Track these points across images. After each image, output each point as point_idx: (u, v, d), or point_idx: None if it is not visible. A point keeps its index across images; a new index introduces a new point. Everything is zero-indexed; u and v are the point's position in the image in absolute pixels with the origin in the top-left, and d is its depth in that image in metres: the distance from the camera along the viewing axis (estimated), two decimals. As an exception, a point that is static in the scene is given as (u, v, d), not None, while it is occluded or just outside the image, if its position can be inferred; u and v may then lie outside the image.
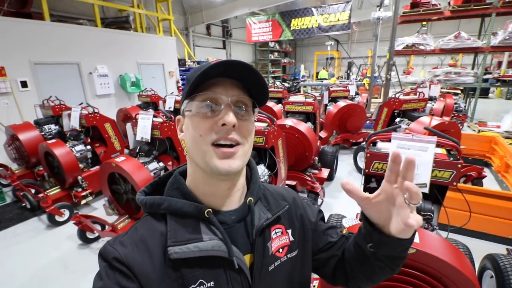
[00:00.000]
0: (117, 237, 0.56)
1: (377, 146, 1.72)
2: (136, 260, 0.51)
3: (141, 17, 8.16)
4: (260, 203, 0.64)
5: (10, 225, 3.22)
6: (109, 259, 0.51)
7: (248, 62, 0.55)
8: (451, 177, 1.43)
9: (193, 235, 0.54)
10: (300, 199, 0.76)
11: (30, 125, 3.91)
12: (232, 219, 0.59)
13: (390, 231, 0.53)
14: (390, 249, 0.55)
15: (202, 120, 0.54)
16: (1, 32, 4.97)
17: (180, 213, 0.56)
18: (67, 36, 6.00)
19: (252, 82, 0.56)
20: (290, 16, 10.94)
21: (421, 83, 6.66)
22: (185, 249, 0.51)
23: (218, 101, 0.54)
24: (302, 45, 21.85)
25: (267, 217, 0.62)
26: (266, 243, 0.60)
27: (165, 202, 0.56)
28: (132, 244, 0.53)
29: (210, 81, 0.54)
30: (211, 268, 0.53)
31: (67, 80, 6.17)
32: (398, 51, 7.57)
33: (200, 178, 0.58)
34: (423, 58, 15.37)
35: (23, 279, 2.38)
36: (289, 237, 0.65)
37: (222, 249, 0.53)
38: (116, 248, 0.52)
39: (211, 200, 0.58)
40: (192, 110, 0.55)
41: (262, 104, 0.61)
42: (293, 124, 3.24)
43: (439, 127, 2.99)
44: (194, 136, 0.55)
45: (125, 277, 0.49)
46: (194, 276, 0.52)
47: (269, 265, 0.60)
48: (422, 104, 4.24)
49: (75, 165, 3.36)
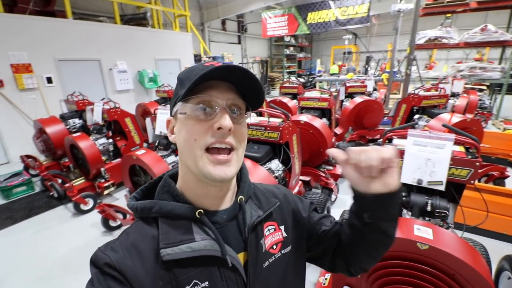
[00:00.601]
0: (108, 244, 0.56)
1: (393, 143, 1.71)
2: (128, 265, 0.50)
3: (158, 13, 8.31)
4: (251, 201, 0.65)
5: (40, 212, 3.46)
6: (100, 265, 0.50)
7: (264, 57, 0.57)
8: (469, 175, 1.41)
9: (185, 236, 0.54)
10: (291, 195, 0.76)
11: (56, 119, 4.13)
12: (224, 218, 0.59)
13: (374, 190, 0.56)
14: (385, 209, 0.58)
15: (197, 123, 0.53)
16: (27, 30, 5.24)
17: (171, 215, 0.56)
18: (88, 33, 6.23)
19: (247, 86, 0.56)
20: (306, 10, 10.76)
21: (443, 78, 6.42)
22: (177, 250, 0.51)
23: (213, 104, 0.53)
24: (319, 39, 21.44)
25: (258, 214, 0.63)
26: (259, 240, 0.61)
27: (156, 205, 0.56)
28: (123, 249, 0.52)
29: (205, 84, 0.53)
30: (205, 268, 0.53)
31: (88, 76, 6.43)
32: (420, 45, 7.30)
33: (192, 181, 0.58)
34: (446, 52, 14.68)
35: (51, 262, 2.57)
36: (282, 233, 0.66)
37: (215, 248, 0.54)
38: (107, 254, 0.52)
39: (203, 201, 0.58)
40: (186, 113, 0.54)
41: (256, 108, 0.61)
42: (308, 120, 3.24)
43: (460, 125, 2.90)
44: (187, 140, 0.54)
45: (117, 282, 0.49)
46: (188, 277, 0.52)
47: (263, 262, 0.60)
48: (443, 100, 4.10)
49: (98, 157, 3.53)
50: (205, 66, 0.53)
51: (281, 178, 2.27)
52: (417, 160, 1.49)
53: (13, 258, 2.65)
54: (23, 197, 3.86)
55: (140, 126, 4.27)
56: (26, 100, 5.34)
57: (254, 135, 2.34)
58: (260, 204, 0.66)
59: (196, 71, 0.53)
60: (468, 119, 2.98)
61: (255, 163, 2.04)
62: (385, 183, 0.55)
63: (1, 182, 3.86)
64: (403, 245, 1.20)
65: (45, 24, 5.50)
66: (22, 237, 2.98)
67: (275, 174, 2.20)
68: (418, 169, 1.49)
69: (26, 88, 5.26)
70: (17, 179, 3.94)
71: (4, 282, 2.33)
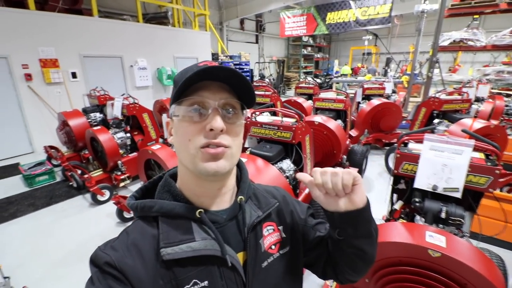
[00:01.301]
0: (107, 242, 0.56)
1: (408, 147, 1.67)
2: (128, 264, 0.50)
3: (179, 12, 8.48)
4: (250, 201, 0.66)
5: (59, 201, 3.63)
6: (100, 264, 0.50)
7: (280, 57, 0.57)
8: (488, 183, 1.35)
9: (185, 235, 0.54)
10: (290, 197, 0.77)
11: (79, 113, 4.31)
12: (224, 218, 0.60)
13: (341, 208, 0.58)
14: (353, 226, 0.60)
15: (190, 125, 0.54)
16: (56, 27, 5.51)
17: (171, 214, 0.56)
18: (112, 31, 6.47)
19: (237, 85, 0.56)
20: (326, 10, 10.60)
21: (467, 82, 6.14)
22: (177, 249, 0.52)
23: (205, 105, 0.54)
24: (338, 39, 21.11)
25: (258, 214, 0.63)
26: (258, 240, 0.61)
27: (156, 204, 0.56)
28: (123, 248, 0.53)
29: (197, 85, 0.54)
30: (204, 268, 0.54)
31: (110, 72, 6.67)
32: (443, 47, 6.99)
33: (191, 180, 0.58)
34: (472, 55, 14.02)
35: (69, 248, 2.69)
36: (281, 233, 0.67)
37: (215, 248, 0.54)
38: (107, 252, 0.52)
39: (203, 201, 0.59)
40: (179, 115, 0.55)
41: (251, 106, 0.61)
42: (322, 121, 3.21)
43: (483, 131, 2.77)
44: (182, 141, 0.55)
45: (117, 281, 0.49)
46: (188, 276, 0.52)
47: (262, 261, 0.61)
48: (465, 105, 3.93)
49: (116, 151, 3.66)
50: (198, 67, 0.53)
51: (292, 178, 2.26)
52: (433, 166, 1.44)
53: (32, 244, 2.80)
54: (45, 185, 4.07)
55: (157, 122, 4.39)
56: (52, 94, 5.62)
57: (267, 134, 2.35)
58: (259, 204, 0.67)
59: (189, 73, 0.53)
60: (492, 125, 2.84)
61: (266, 162, 2.05)
62: (351, 200, 0.57)
63: (26, 170, 4.09)
64: (413, 251, 1.17)
65: (72, 21, 5.76)
66: (42, 224, 3.14)
67: (286, 174, 2.20)
68: (434, 175, 1.44)
69: (53, 82, 5.54)
70: (40, 168, 4.16)
71: (24, 265, 2.47)
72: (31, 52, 5.22)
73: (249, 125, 2.43)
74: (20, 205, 3.51)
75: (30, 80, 5.28)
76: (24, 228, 3.07)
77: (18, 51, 5.07)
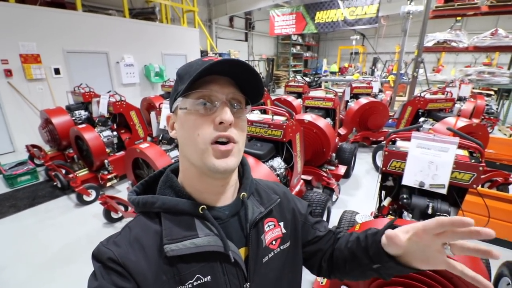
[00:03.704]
0: (110, 238, 0.56)
1: (396, 145, 1.71)
2: (131, 259, 0.50)
3: (167, 8, 8.32)
4: (253, 197, 0.66)
5: (43, 201, 3.50)
6: (104, 260, 0.51)
7: (270, 55, 0.57)
8: (471, 179, 1.40)
9: (188, 232, 0.54)
10: (290, 193, 0.78)
11: (62, 110, 4.17)
12: (226, 214, 0.60)
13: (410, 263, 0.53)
14: (400, 272, 0.57)
15: (199, 118, 0.54)
16: (37, 21, 5.29)
17: (174, 210, 0.56)
18: (97, 26, 6.27)
19: (247, 80, 0.56)
20: (315, 9, 10.68)
21: (450, 82, 6.35)
22: (181, 246, 0.52)
23: (213, 98, 0.54)
24: (326, 38, 21.31)
25: (260, 210, 0.64)
26: (260, 236, 0.62)
27: (159, 200, 0.56)
28: (126, 244, 0.53)
29: (205, 79, 0.54)
30: (207, 263, 0.54)
31: (96, 69, 6.48)
32: (428, 47, 7.21)
33: (194, 176, 0.58)
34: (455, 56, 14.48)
35: (53, 251, 2.61)
36: (282, 229, 0.67)
37: (218, 244, 0.54)
38: (110, 248, 0.52)
39: (205, 197, 0.59)
40: (187, 108, 0.54)
41: (256, 101, 0.61)
42: (312, 120, 3.24)
43: (465, 129, 2.87)
44: (190, 135, 0.54)
45: (121, 276, 0.49)
46: (191, 272, 0.53)
47: (263, 257, 0.61)
48: (449, 104, 4.07)
49: (102, 149, 3.57)
50: (204, 61, 0.53)
51: (282, 176, 2.27)
52: (420, 163, 1.48)
53: (15, 246, 2.69)
54: (27, 186, 3.92)
55: (145, 120, 4.30)
56: (34, 90, 5.41)
57: (257, 132, 2.34)
58: (261, 200, 0.67)
59: (195, 66, 0.54)
60: (474, 123, 2.95)
61: (257, 160, 2.05)
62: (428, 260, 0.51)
63: (6, 170, 3.92)
64: (402, 247, 1.20)
65: (55, 16, 5.55)
66: (25, 225, 3.02)
67: (277, 172, 2.20)
68: (421, 172, 1.48)
69: (34, 78, 5.32)
70: (22, 168, 4.00)
71: (7, 269, 2.38)
72: (11, 47, 5.00)
73: (240, 123, 2.42)
74: (0, 206, 3.37)
75: (10, 76, 5.05)
76: (6, 230, 2.95)
77: (-4, 45, 4.84)
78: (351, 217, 2.14)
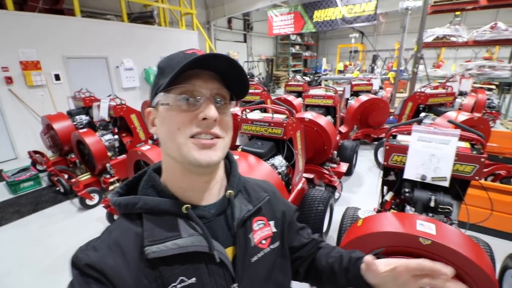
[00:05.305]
0: (89, 242, 0.54)
1: (397, 139, 1.70)
2: (109, 264, 0.48)
3: (165, 11, 8.36)
4: (240, 195, 0.64)
5: (46, 206, 3.52)
6: (81, 266, 0.49)
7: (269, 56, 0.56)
8: (474, 171, 1.39)
9: (171, 232, 0.52)
10: (280, 195, 0.77)
11: (63, 116, 4.18)
12: (212, 213, 0.58)
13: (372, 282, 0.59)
14: None
15: (180, 113, 0.51)
16: (37, 28, 5.33)
17: (156, 211, 0.53)
18: (96, 31, 6.31)
19: (231, 75, 0.55)
20: (313, 8, 10.68)
21: (451, 77, 6.32)
22: (162, 247, 0.50)
23: (196, 94, 0.52)
24: (325, 37, 21.31)
25: (248, 209, 0.62)
26: (248, 235, 0.60)
27: (140, 201, 0.54)
28: (105, 248, 0.51)
29: (188, 73, 0.51)
30: (191, 265, 0.52)
31: (95, 74, 6.51)
32: (427, 43, 7.19)
33: (177, 173, 0.56)
34: (455, 51, 14.45)
35: (56, 256, 2.61)
36: (272, 228, 0.66)
37: (202, 244, 0.52)
38: (87, 254, 0.50)
39: (190, 195, 0.57)
40: (168, 103, 0.52)
41: (241, 97, 0.60)
42: (313, 118, 3.23)
43: (467, 123, 2.85)
44: (170, 130, 0.52)
45: (98, 283, 0.47)
46: (174, 274, 0.51)
47: (251, 256, 0.60)
48: (450, 98, 4.05)
49: (104, 153, 3.58)
50: (186, 54, 0.52)
51: (284, 174, 2.26)
52: (421, 156, 1.47)
53: (19, 251, 2.70)
54: (30, 192, 3.93)
55: (146, 123, 4.31)
56: (35, 97, 5.44)
57: (258, 131, 2.34)
58: (249, 198, 0.65)
59: (178, 59, 0.52)
60: (475, 117, 2.93)
61: (258, 158, 2.04)
62: None
63: (9, 177, 3.94)
64: (405, 240, 1.19)
65: (53, 22, 5.58)
66: (28, 231, 3.03)
67: (278, 170, 2.20)
68: (422, 165, 1.47)
69: (35, 85, 5.36)
70: (25, 174, 4.02)
71: (11, 274, 2.39)
72: (11, 55, 5.03)
73: (240, 123, 2.42)
74: (4, 212, 3.38)
75: (11, 83, 5.08)
76: (10, 236, 2.96)
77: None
78: (353, 213, 2.12)
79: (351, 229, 1.42)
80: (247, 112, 2.49)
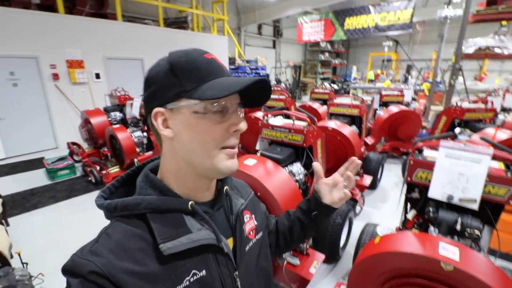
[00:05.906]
0: (84, 248, 0.51)
1: (423, 154, 1.61)
2: (120, 269, 0.46)
3: (198, 17, 8.69)
4: (232, 191, 0.70)
5: (78, 194, 3.79)
6: (84, 274, 0.45)
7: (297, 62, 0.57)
8: (508, 194, 1.27)
9: (181, 228, 0.54)
10: None
11: (100, 111, 4.49)
12: (213, 208, 0.63)
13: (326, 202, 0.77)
14: (325, 214, 0.79)
15: (215, 124, 0.52)
16: (82, 30, 5.80)
17: (163, 209, 0.54)
18: (134, 35, 6.72)
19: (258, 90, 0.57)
20: (344, 15, 10.49)
21: (492, 91, 5.86)
22: (177, 243, 0.51)
23: (228, 106, 0.53)
24: (356, 45, 20.77)
25: (241, 202, 0.68)
26: (242, 226, 0.66)
27: (144, 201, 0.53)
28: (108, 252, 0.48)
29: None
30: (201, 257, 0.55)
31: (131, 74, 6.92)
32: (467, 54, 6.74)
33: (186, 175, 0.57)
34: (500, 63, 13.40)
35: (84, 240, 2.75)
36: (254, 221, 0.73)
37: (211, 237, 0.56)
38: (89, 259, 0.46)
39: (193, 194, 0.59)
40: (199, 112, 0.51)
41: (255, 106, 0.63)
42: (336, 127, 3.16)
43: (508, 143, 2.63)
44: (205, 140, 0.53)
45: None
46: (187, 268, 0.52)
47: (245, 245, 0.66)
48: (489, 114, 3.75)
49: (133, 149, 3.78)
50: (205, 58, 0.53)
51: (302, 182, 2.23)
52: (448, 174, 1.38)
53: (51, 233, 2.94)
54: (65, 179, 4.26)
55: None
56: (76, 93, 5.91)
57: (278, 136, 2.34)
58: (240, 193, 0.73)
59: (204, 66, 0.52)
60: (518, 136, 2.68)
61: (276, 164, 2.04)
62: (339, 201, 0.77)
63: (49, 164, 4.30)
64: (424, 263, 1.12)
65: (97, 25, 6.05)
66: (61, 215, 3.29)
67: (296, 177, 2.18)
68: (449, 184, 1.38)
69: (78, 82, 5.83)
70: (62, 163, 4.36)
71: (41, 253, 2.60)
72: (59, 53, 5.53)
73: (261, 127, 2.43)
74: (42, 196, 3.70)
75: (57, 79, 5.58)
76: (44, 218, 3.23)
77: (47, 52, 5.38)
78: (373, 230, 2.04)
79: (367, 246, 1.36)
80: (268, 117, 2.50)
